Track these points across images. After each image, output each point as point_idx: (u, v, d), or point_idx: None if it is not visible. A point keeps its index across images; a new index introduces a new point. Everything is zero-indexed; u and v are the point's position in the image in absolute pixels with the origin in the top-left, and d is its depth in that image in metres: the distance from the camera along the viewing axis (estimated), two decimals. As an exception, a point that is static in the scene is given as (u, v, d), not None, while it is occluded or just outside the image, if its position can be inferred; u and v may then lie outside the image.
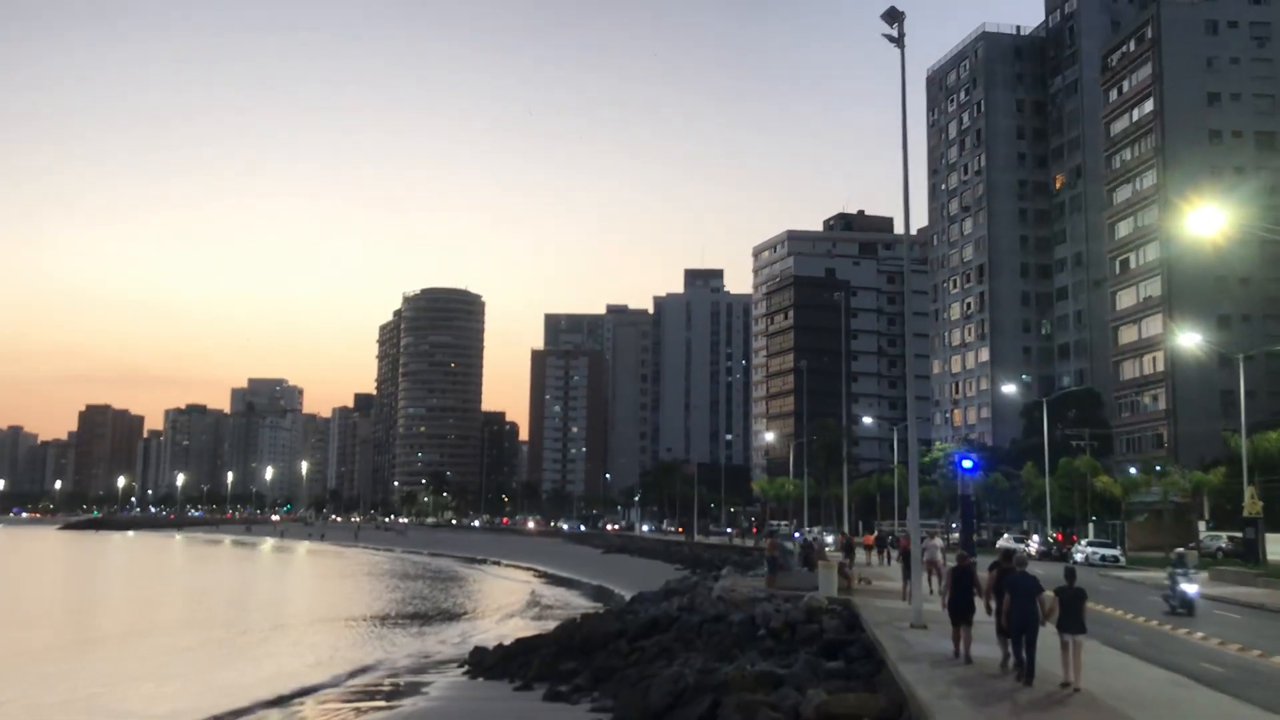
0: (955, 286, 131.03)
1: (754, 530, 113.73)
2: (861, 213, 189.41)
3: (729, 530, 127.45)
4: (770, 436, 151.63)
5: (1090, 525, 79.36)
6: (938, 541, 39.02)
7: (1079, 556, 62.56)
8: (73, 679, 30.83)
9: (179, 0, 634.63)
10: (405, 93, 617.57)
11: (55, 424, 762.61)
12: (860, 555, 52.46)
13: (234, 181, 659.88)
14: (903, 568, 24.72)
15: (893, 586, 36.96)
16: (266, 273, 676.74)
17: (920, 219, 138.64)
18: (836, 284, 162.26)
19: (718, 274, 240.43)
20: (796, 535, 68.61)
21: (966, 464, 57.12)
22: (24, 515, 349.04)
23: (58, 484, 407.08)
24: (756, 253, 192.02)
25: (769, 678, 20.20)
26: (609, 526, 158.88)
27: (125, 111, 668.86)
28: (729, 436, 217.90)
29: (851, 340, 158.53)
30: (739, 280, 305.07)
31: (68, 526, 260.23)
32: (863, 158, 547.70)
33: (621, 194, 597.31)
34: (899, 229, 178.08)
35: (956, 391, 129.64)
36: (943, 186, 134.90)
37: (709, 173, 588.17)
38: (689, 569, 70.61)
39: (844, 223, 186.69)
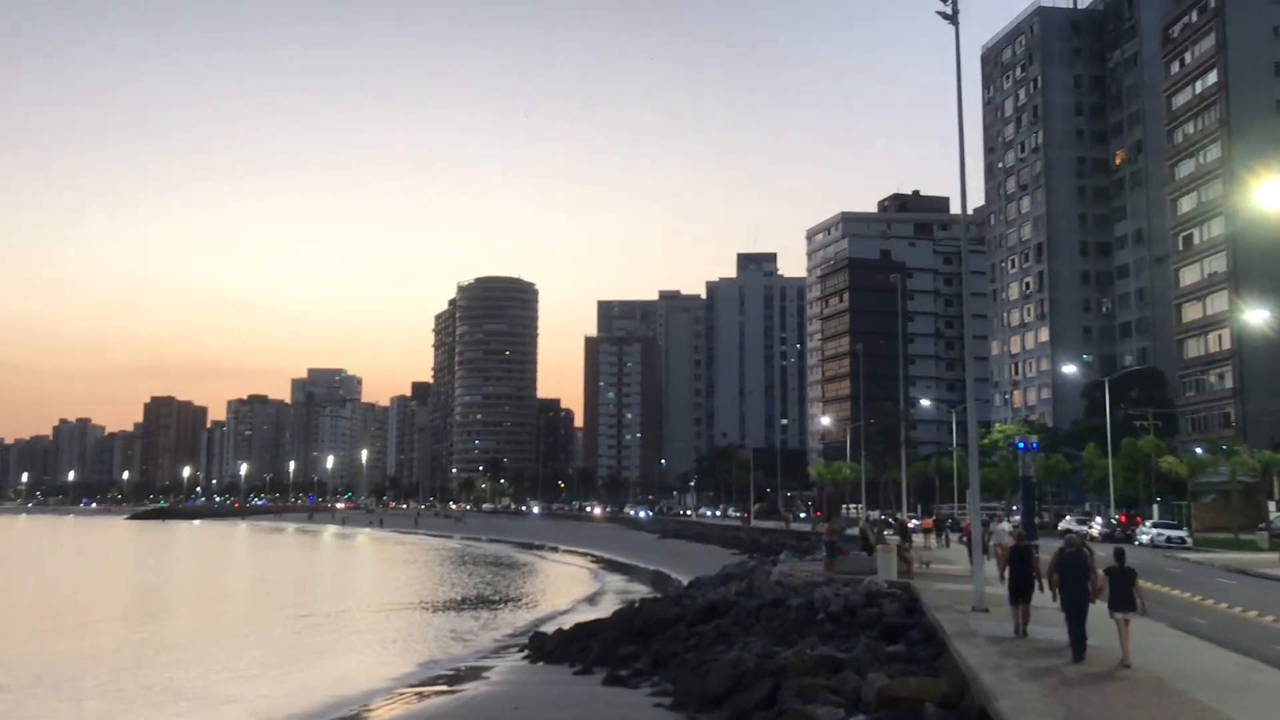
0: (1013, 266, 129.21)
1: (818, 514, 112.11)
2: (916, 193, 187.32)
3: (803, 515, 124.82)
4: (826, 420, 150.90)
5: (1155, 507, 78.03)
6: (1005, 525, 38.38)
7: (1144, 538, 61.60)
8: (158, 669, 31.59)
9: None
10: (459, 83, 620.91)
11: (122, 416, 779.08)
12: (918, 539, 52.12)
13: (293, 176, 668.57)
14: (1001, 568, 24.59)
15: (953, 570, 36.65)
16: (325, 264, 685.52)
17: (977, 198, 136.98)
18: (892, 266, 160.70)
19: (771, 257, 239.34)
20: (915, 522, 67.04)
21: (1026, 446, 56.43)
22: (94, 505, 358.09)
23: (125, 474, 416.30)
24: (810, 235, 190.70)
25: (829, 662, 20.13)
26: (683, 512, 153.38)
27: (187, 109, 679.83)
28: (784, 421, 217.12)
29: (908, 322, 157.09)
30: (793, 263, 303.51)
31: (135, 516, 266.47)
32: (917, 137, 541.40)
33: (673, 179, 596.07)
34: (955, 209, 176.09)
35: (1016, 372, 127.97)
36: (999, 165, 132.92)
37: (761, 156, 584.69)
38: (746, 554, 70.55)
39: (899, 203, 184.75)
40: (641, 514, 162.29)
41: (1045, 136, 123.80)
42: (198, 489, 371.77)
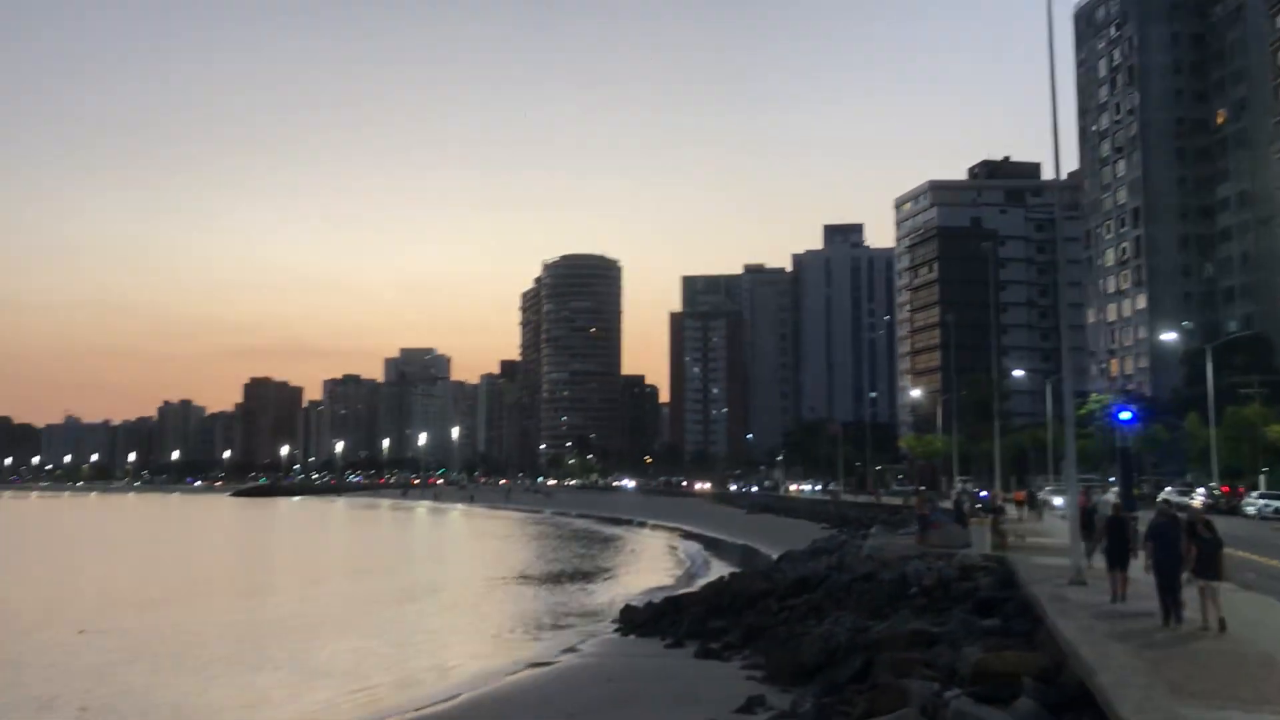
0: (1109, 232, 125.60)
1: (922, 487, 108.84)
2: (1007, 159, 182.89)
3: (895, 488, 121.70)
4: (917, 393, 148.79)
5: (1261, 477, 75.41)
6: (1110, 497, 37.45)
7: (1250, 510, 59.66)
8: (270, 643, 32.68)
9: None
10: (543, 62, 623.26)
11: (222, 397, 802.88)
12: (1011, 511, 51.30)
13: (383, 160, 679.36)
14: (1080, 528, 24.23)
15: (1048, 543, 35.99)
16: (415, 246, 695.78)
17: (1070, 163, 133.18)
18: (983, 234, 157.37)
19: (858, 228, 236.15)
20: (983, 494, 65.90)
21: (1125, 415, 55.04)
22: (197, 484, 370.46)
23: (226, 453, 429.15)
24: (898, 205, 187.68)
25: (923, 636, 19.99)
26: (793, 488, 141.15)
27: (281, 97, 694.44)
28: (874, 394, 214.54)
29: (1000, 291, 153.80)
30: (880, 234, 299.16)
31: (238, 494, 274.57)
32: (1007, 102, 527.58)
33: (757, 152, 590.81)
34: (1047, 174, 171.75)
35: (1112, 341, 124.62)
36: (1093, 128, 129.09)
37: (847, 125, 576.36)
38: (836, 528, 70.14)
39: (989, 170, 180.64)
40: (745, 488, 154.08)
41: (1142, 97, 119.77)
42: (296, 467, 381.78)
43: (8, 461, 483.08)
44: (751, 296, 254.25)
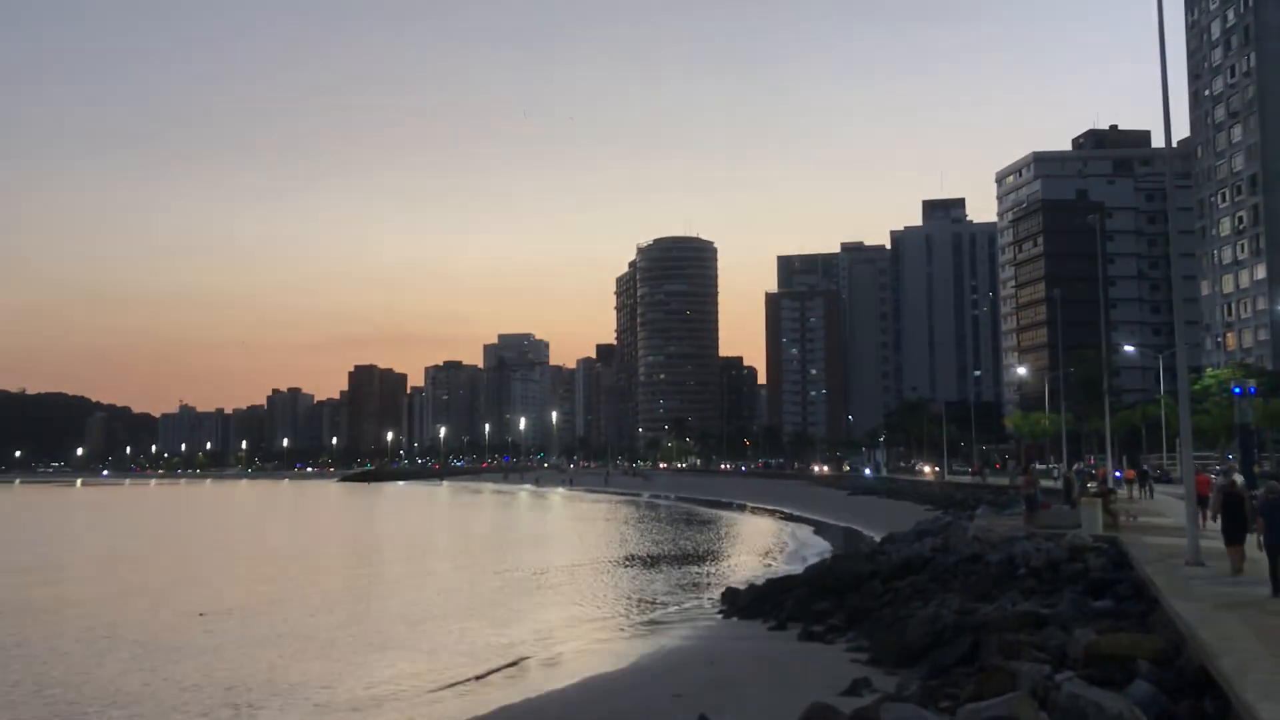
0: (1224, 200, 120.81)
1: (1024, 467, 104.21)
2: (1114, 128, 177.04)
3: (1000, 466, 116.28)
4: (1022, 371, 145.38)
5: (1393, 454, 71.98)
6: (1236, 477, 36.04)
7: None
8: (379, 620, 33.54)
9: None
10: (638, 46, 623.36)
11: (329, 384, 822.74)
12: (1121, 491, 49.87)
13: (480, 150, 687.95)
14: (1214, 512, 23.69)
15: (1162, 523, 34.92)
16: (511, 233, 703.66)
17: (1181, 130, 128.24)
18: (1089, 206, 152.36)
19: (958, 203, 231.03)
20: (1118, 474, 63.57)
21: (1244, 390, 52.97)
22: (306, 470, 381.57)
23: (333, 440, 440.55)
24: (1000, 178, 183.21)
25: (1032, 617, 19.60)
26: (926, 469, 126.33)
27: (380, 89, 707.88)
28: (977, 373, 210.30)
29: (1108, 264, 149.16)
30: (982, 208, 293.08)
31: (345, 479, 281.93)
32: (1113, 69, 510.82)
33: (852, 127, 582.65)
34: (1157, 142, 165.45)
35: (1229, 313, 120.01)
36: (1206, 92, 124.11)
37: (945, 97, 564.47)
38: (940, 509, 69.03)
39: (1095, 140, 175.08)
40: (866, 471, 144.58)
41: (1259, 59, 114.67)
42: (401, 452, 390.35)
43: (128, 450, 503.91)
44: (849, 275, 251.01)
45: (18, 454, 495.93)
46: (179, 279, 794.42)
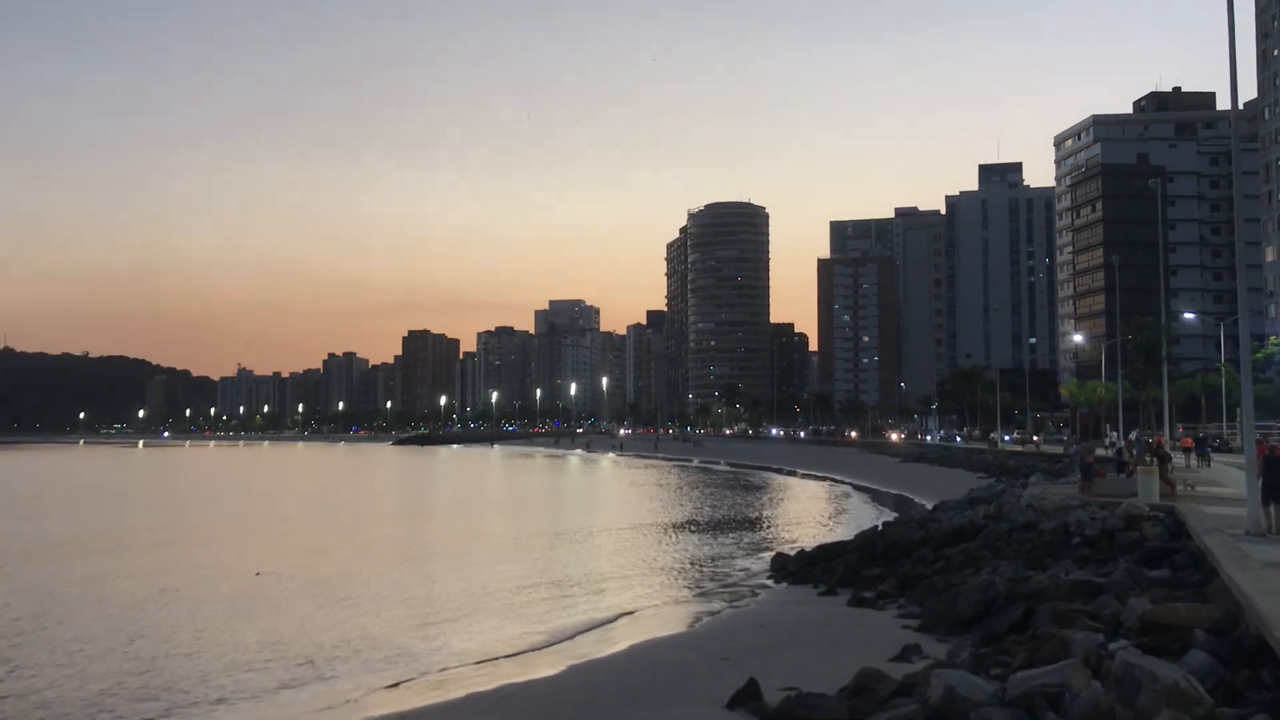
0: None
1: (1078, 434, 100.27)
2: (1177, 90, 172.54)
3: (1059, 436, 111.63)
4: (1079, 338, 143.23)
5: None
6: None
7: None
8: (438, 582, 34.08)
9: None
10: (687, 9, 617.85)
11: (383, 349, 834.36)
12: (1178, 460, 49.07)
13: (531, 116, 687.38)
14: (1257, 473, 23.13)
15: (1221, 492, 34.39)
16: (562, 200, 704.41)
17: (1248, 91, 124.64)
18: (1150, 170, 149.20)
19: (1015, 168, 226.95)
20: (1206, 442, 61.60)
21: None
22: (360, 433, 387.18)
23: (387, 404, 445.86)
24: (1058, 142, 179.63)
25: (1086, 586, 19.43)
26: (1009, 438, 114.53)
27: (434, 59, 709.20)
28: (1033, 340, 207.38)
29: (1169, 230, 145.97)
30: (1039, 173, 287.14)
31: (399, 442, 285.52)
32: (1175, 29, 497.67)
33: (906, 90, 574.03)
34: (1222, 104, 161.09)
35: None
36: (1275, 52, 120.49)
37: (1002, 59, 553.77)
38: (993, 477, 68.52)
39: (1157, 102, 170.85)
40: (929, 438, 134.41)
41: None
42: (453, 416, 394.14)
43: (187, 413, 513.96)
44: (903, 240, 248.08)
45: (81, 415, 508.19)
46: (238, 246, 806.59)
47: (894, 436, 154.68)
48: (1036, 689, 11.62)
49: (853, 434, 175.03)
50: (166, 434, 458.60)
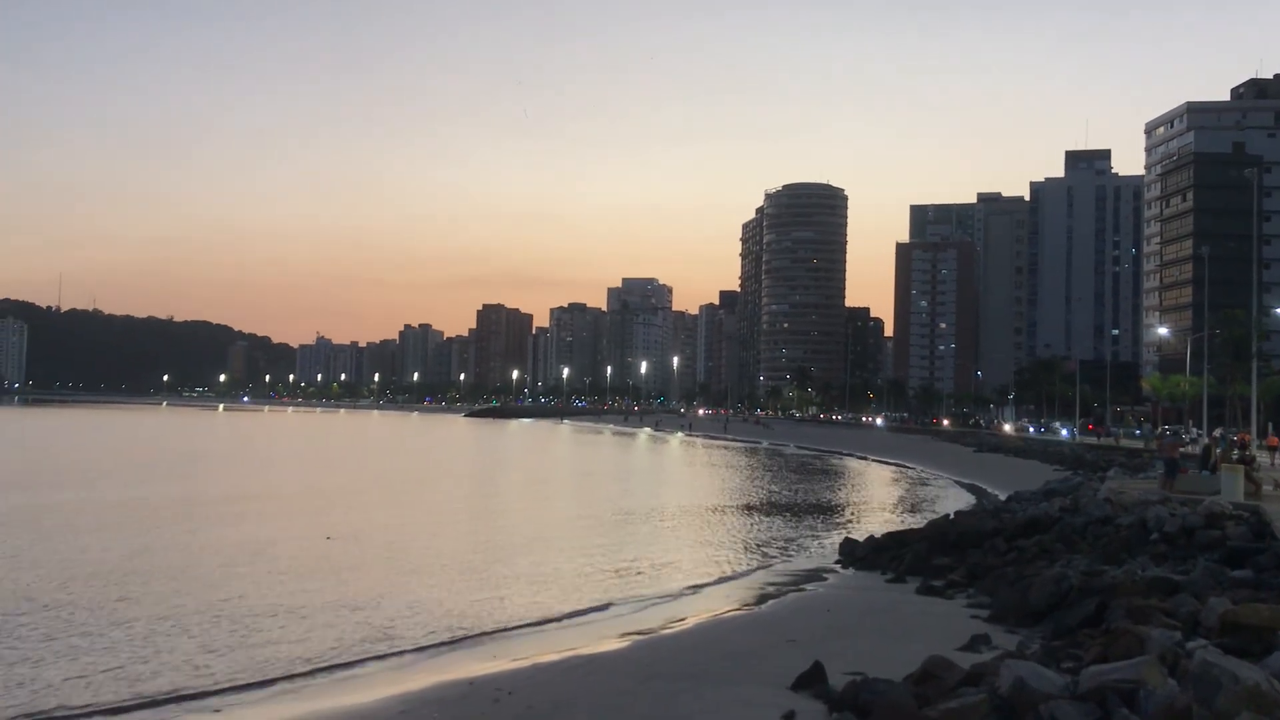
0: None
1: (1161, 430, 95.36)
2: (1278, 77, 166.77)
3: (1138, 431, 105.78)
4: (1164, 331, 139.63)
5: None
6: None
7: None
8: (511, 554, 34.53)
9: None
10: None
11: (458, 322, 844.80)
12: (1263, 458, 47.72)
13: (608, 93, 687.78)
14: None
15: (1311, 494, 33.36)
16: (638, 177, 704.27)
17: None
18: (1246, 160, 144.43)
19: (1103, 155, 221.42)
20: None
21: None
22: (433, 404, 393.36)
23: (461, 376, 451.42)
24: (1149, 129, 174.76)
25: (1163, 583, 19.00)
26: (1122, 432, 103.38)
27: (513, 33, 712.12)
28: (1115, 331, 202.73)
29: (1264, 222, 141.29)
30: (1129, 161, 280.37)
31: (471, 414, 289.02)
32: (1278, 14, 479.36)
33: (992, 73, 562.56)
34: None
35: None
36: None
37: (1092, 43, 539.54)
38: (1070, 470, 67.26)
39: (1256, 90, 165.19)
40: (1064, 432, 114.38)
41: None
42: (525, 390, 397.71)
43: (266, 378, 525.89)
44: (985, 226, 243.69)
45: (165, 378, 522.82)
46: (320, 217, 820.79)
47: (1007, 428, 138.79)
48: (1110, 684, 11.39)
49: (945, 422, 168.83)
50: (246, 398, 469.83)
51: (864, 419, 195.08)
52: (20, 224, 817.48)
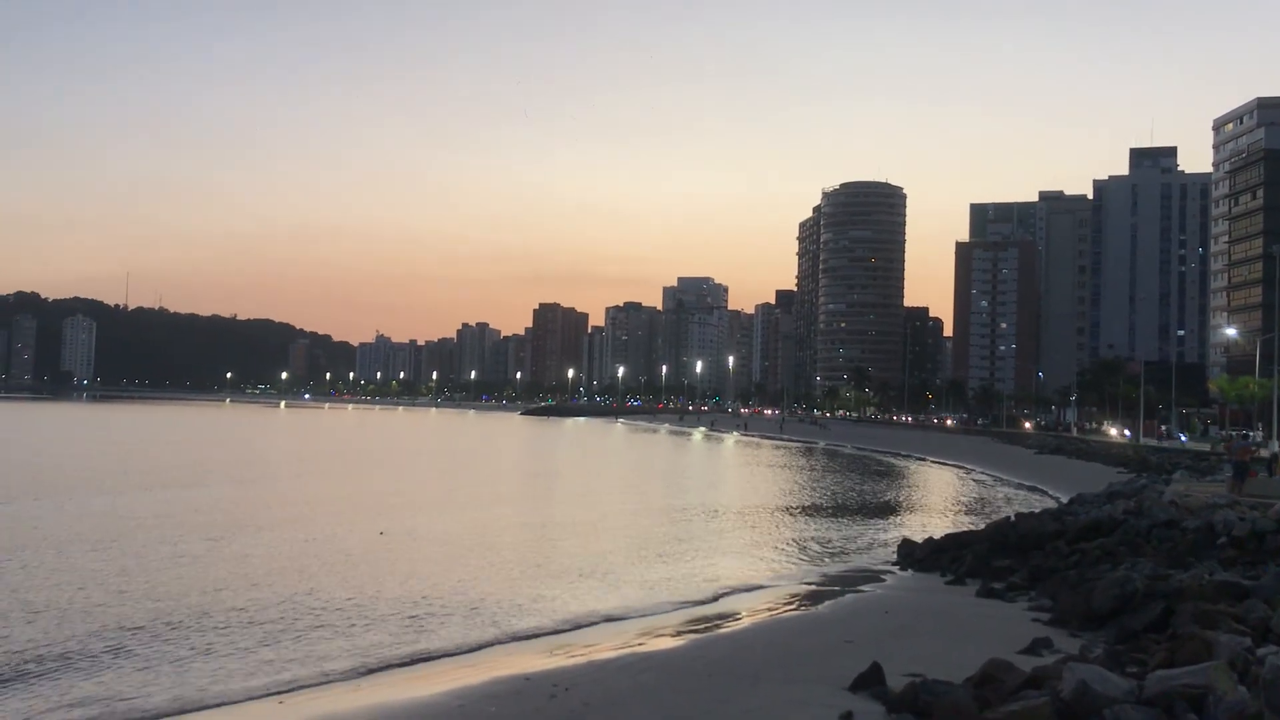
0: None
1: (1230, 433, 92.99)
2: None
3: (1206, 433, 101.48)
4: (1232, 331, 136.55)
5: None
6: None
7: None
8: (562, 550, 34.77)
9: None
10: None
11: (514, 321, 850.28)
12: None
13: (663, 92, 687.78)
14: None
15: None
16: (694, 176, 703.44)
17: None
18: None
19: (1169, 152, 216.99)
20: None
21: None
22: (489, 402, 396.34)
23: (517, 374, 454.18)
24: (1218, 126, 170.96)
25: (1231, 588, 18.60)
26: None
27: (568, 33, 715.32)
28: (1181, 332, 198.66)
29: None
30: (1196, 158, 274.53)
31: (527, 412, 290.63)
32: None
33: (1053, 69, 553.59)
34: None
35: None
36: None
37: (1158, 37, 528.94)
38: (1134, 472, 66.03)
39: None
40: (1181, 436, 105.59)
41: None
42: (580, 389, 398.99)
43: (327, 376, 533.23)
44: (1047, 225, 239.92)
45: (228, 375, 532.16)
46: (379, 215, 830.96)
47: (1113, 432, 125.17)
48: (1177, 689, 11.18)
49: (1027, 425, 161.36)
50: (307, 395, 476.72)
51: (934, 419, 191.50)
52: (90, 223, 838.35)
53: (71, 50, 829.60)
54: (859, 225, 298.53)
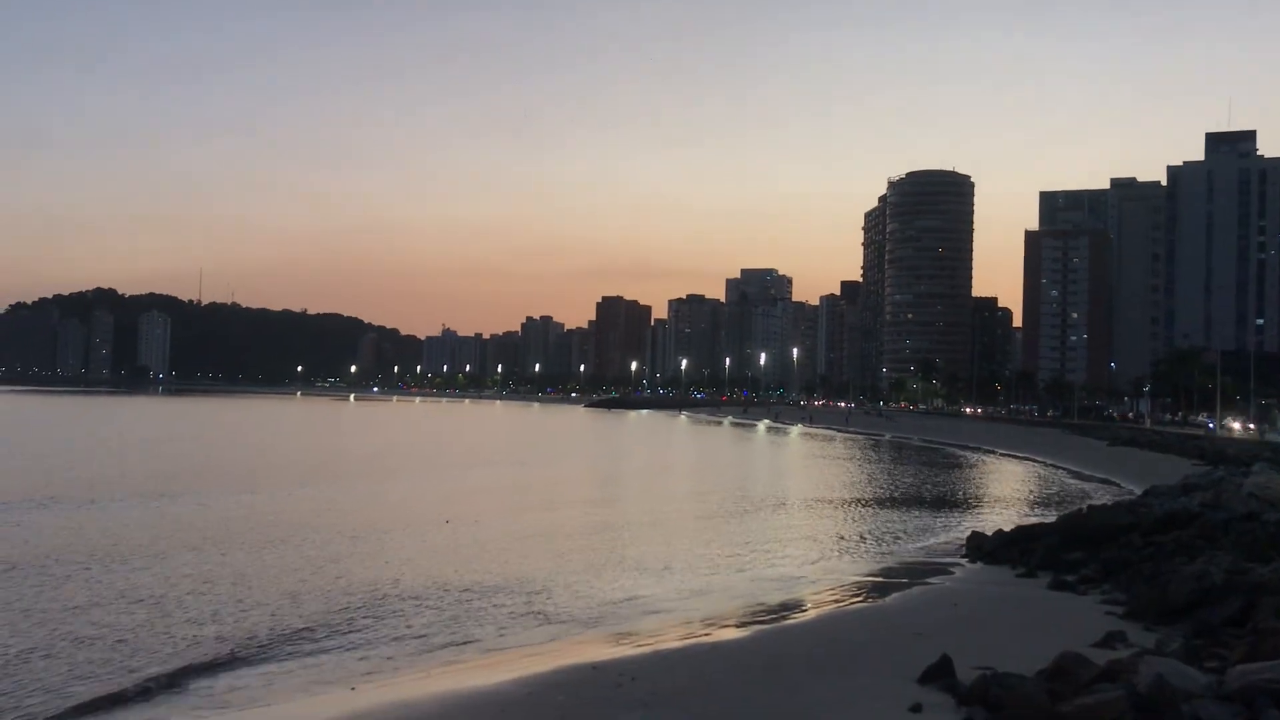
0: None
1: None
2: None
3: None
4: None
5: None
6: None
7: None
8: (632, 545, 34.91)
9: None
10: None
11: (578, 313, 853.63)
12: None
13: (727, 83, 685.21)
14: None
15: None
16: (757, 167, 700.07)
17: None
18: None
19: (1248, 136, 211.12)
20: None
21: None
22: (553, 394, 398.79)
23: (581, 367, 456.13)
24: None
25: (1316, 583, 18.10)
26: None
27: (629, 27, 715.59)
28: (1260, 321, 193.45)
29: None
30: (1276, 142, 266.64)
31: (591, 405, 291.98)
32: None
33: (1127, 52, 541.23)
34: None
35: None
36: None
37: (1237, 16, 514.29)
38: (1210, 464, 64.46)
39: None
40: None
41: None
42: (644, 381, 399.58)
43: (395, 369, 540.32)
44: (1119, 213, 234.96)
45: (299, 369, 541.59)
46: (445, 212, 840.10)
47: (1237, 426, 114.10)
48: (1259, 684, 10.93)
49: (1146, 420, 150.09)
50: (376, 389, 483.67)
51: (1005, 410, 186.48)
52: (164, 221, 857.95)
53: (149, 51, 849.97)
54: (926, 214, 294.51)
